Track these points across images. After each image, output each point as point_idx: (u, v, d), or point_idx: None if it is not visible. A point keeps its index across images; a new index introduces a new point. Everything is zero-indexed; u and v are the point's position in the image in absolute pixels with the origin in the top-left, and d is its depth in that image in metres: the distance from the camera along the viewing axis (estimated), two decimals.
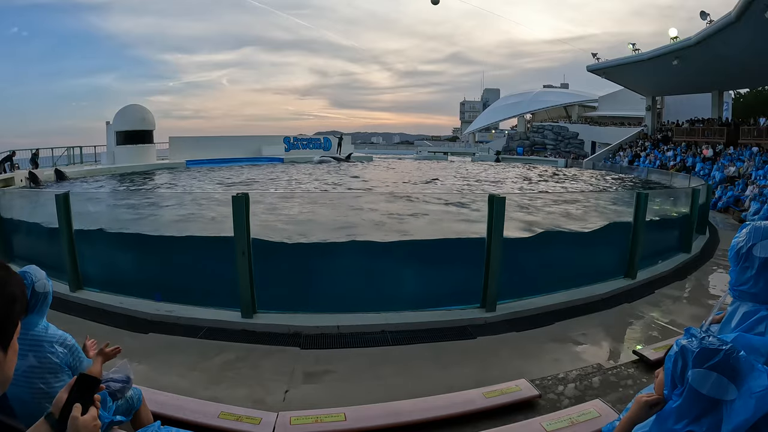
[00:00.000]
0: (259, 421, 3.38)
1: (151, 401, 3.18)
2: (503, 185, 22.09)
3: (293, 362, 4.83)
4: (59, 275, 6.53)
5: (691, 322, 5.92)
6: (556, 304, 6.44)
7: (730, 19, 20.46)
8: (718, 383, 1.51)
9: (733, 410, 1.47)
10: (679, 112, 35.87)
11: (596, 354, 5.15)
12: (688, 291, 7.60)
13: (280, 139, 37.20)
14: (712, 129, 28.48)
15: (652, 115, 36.31)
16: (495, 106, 66.48)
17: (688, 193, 10.15)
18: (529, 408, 3.83)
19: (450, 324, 5.83)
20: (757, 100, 45.75)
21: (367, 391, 4.27)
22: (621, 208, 9.41)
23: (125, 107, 29.44)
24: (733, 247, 1.92)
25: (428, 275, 6.43)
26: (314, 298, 6.12)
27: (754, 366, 1.50)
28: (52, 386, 2.47)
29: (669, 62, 27.24)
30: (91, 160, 29.06)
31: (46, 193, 6.45)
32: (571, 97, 57.95)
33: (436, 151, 50.17)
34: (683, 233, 9.68)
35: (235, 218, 5.61)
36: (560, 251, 7.33)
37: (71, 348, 2.55)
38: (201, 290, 6.22)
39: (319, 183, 21.84)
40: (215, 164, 30.22)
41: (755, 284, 1.80)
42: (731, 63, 25.04)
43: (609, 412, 3.43)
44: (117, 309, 6.11)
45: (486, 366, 4.88)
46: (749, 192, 17.07)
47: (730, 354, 1.52)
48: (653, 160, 29.96)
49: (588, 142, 44.81)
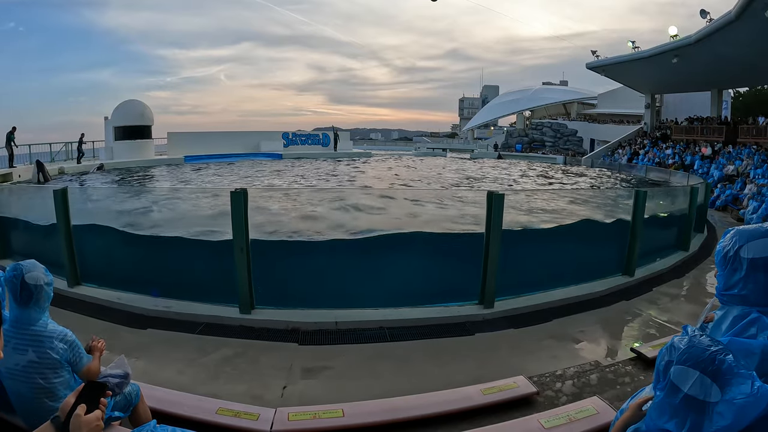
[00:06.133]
0: (257, 417, 3.38)
1: (149, 397, 3.17)
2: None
3: (291, 358, 4.83)
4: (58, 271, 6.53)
5: (688, 319, 5.93)
6: (554, 301, 6.45)
7: (730, 17, 20.44)
8: (700, 383, 1.48)
9: (714, 414, 1.46)
10: (678, 110, 35.83)
11: (594, 351, 5.17)
12: (686, 289, 7.62)
13: (279, 135, 37.10)
14: (711, 127, 28.49)
15: (651, 112, 36.28)
16: (494, 103, 66.33)
17: (686, 191, 10.16)
18: (527, 405, 3.83)
19: (448, 320, 5.84)
20: (756, 99, 45.68)
21: (365, 387, 4.28)
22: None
23: (123, 102, 29.33)
24: (720, 251, 1.92)
25: (427, 271, 6.43)
26: (312, 294, 6.12)
27: (741, 372, 1.48)
28: (51, 382, 2.47)
29: (668, 60, 27.19)
30: (90, 155, 28.97)
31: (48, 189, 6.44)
32: (570, 94, 57.83)
33: (434, 148, 50.03)
34: (681, 231, 9.69)
35: (234, 214, 5.60)
36: (558, 248, 7.34)
37: (71, 344, 2.55)
38: (199, 286, 6.22)
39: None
40: (213, 160, 30.13)
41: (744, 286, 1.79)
42: (731, 62, 25.01)
43: (607, 409, 3.43)
44: (115, 305, 6.11)
45: (484, 363, 4.89)
46: (748, 190, 17.08)
47: (716, 355, 1.50)
48: (652, 158, 29.96)
49: (587, 140, 44.87)
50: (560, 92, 59.65)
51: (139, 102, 30.29)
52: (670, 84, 33.72)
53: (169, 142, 32.29)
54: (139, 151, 28.41)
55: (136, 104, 29.90)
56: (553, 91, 60.75)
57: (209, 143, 32.63)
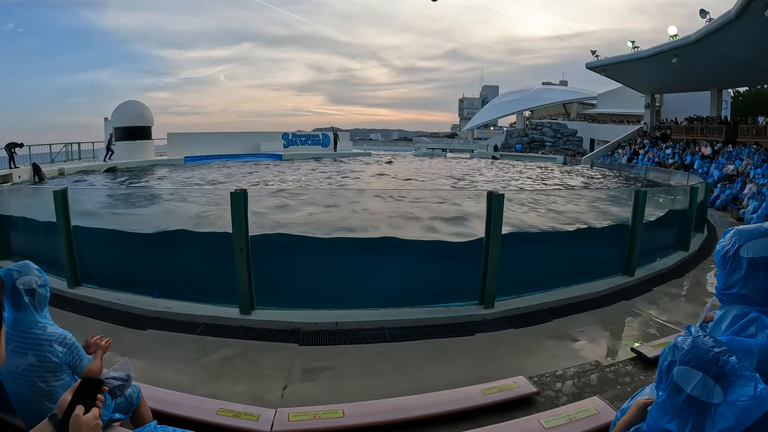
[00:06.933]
0: (258, 418, 3.38)
1: (150, 398, 3.17)
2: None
3: (291, 358, 4.83)
4: (58, 271, 6.54)
5: (688, 319, 5.93)
6: (554, 301, 6.45)
7: (729, 17, 20.44)
8: (703, 384, 1.48)
9: (716, 415, 1.46)
10: (678, 110, 35.82)
11: (594, 351, 5.16)
12: (686, 289, 7.62)
13: (279, 136, 37.08)
14: (711, 127, 28.49)
15: (651, 112, 36.28)
16: (493, 103, 66.37)
17: (686, 191, 10.16)
18: (527, 405, 3.83)
19: (448, 321, 5.84)
20: (756, 98, 45.71)
21: (365, 387, 4.28)
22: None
23: (123, 103, 29.33)
24: (719, 251, 1.92)
25: (427, 272, 6.42)
26: (313, 295, 6.12)
27: (744, 374, 1.48)
28: (51, 385, 2.46)
29: (668, 60, 27.18)
30: (89, 156, 28.97)
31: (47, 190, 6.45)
32: (570, 94, 57.85)
33: (434, 148, 49.96)
34: (681, 231, 9.69)
35: (234, 214, 5.60)
36: (558, 248, 7.34)
37: (71, 347, 2.53)
38: (199, 286, 6.22)
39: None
40: (213, 160, 30.11)
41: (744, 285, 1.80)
42: (730, 61, 25.01)
43: (607, 409, 3.44)
44: (115, 305, 6.11)
45: (484, 363, 4.89)
46: (747, 190, 17.08)
47: (720, 356, 1.49)
48: (652, 158, 29.96)
49: (587, 140, 44.89)
50: (560, 92, 59.68)
51: (138, 103, 30.28)
52: (669, 84, 33.72)
53: (169, 142, 32.26)
54: (139, 152, 28.39)
55: (136, 105, 29.89)
56: (552, 91, 60.79)
57: (209, 144, 32.60)
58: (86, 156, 28.95)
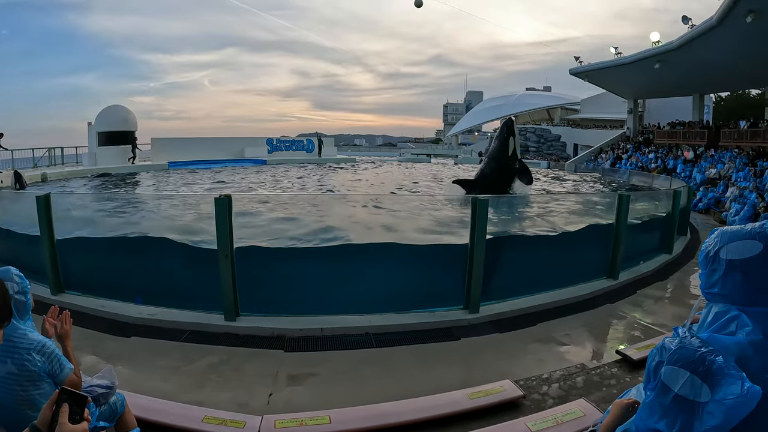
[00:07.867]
0: (244, 425, 3.36)
1: (134, 405, 3.14)
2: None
3: (277, 365, 4.81)
4: (40, 278, 6.45)
5: (673, 321, 5.99)
6: (539, 305, 6.48)
7: (711, 23, 20.70)
8: (690, 383, 1.51)
9: (704, 414, 1.48)
10: (661, 115, 36.25)
11: (580, 354, 5.20)
12: (669, 291, 7.70)
13: (263, 141, 36.86)
14: (693, 131, 28.77)
15: (633, 117, 36.63)
16: (478, 109, 66.81)
17: (669, 195, 10.26)
18: (513, 408, 3.85)
19: (434, 326, 5.84)
20: (737, 103, 46.38)
21: (351, 393, 4.27)
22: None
23: (107, 108, 29.02)
24: (703, 251, 1.94)
25: (411, 277, 6.42)
26: (298, 301, 6.09)
27: (731, 372, 1.50)
28: (30, 394, 2.41)
29: (651, 66, 27.49)
30: (73, 161, 28.68)
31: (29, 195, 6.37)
32: (554, 99, 58.40)
33: (419, 153, 50.06)
34: (665, 234, 9.78)
35: (218, 221, 5.57)
36: (543, 252, 7.39)
37: (50, 355, 2.47)
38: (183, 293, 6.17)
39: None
40: (198, 166, 29.91)
41: (723, 286, 1.82)
42: (713, 67, 25.35)
43: (593, 412, 3.46)
44: (99, 312, 6.04)
45: (470, 367, 4.91)
46: (730, 193, 17.31)
47: (707, 355, 1.53)
48: (635, 163, 30.24)
49: (570, 145, 45.26)
50: (544, 98, 60.26)
51: (122, 107, 29.99)
52: (652, 89, 34.10)
53: (153, 147, 31.93)
54: (123, 157, 28.11)
55: (120, 109, 29.59)
56: (536, 96, 61.37)
57: (193, 149, 32.32)
58: (69, 161, 28.66)
